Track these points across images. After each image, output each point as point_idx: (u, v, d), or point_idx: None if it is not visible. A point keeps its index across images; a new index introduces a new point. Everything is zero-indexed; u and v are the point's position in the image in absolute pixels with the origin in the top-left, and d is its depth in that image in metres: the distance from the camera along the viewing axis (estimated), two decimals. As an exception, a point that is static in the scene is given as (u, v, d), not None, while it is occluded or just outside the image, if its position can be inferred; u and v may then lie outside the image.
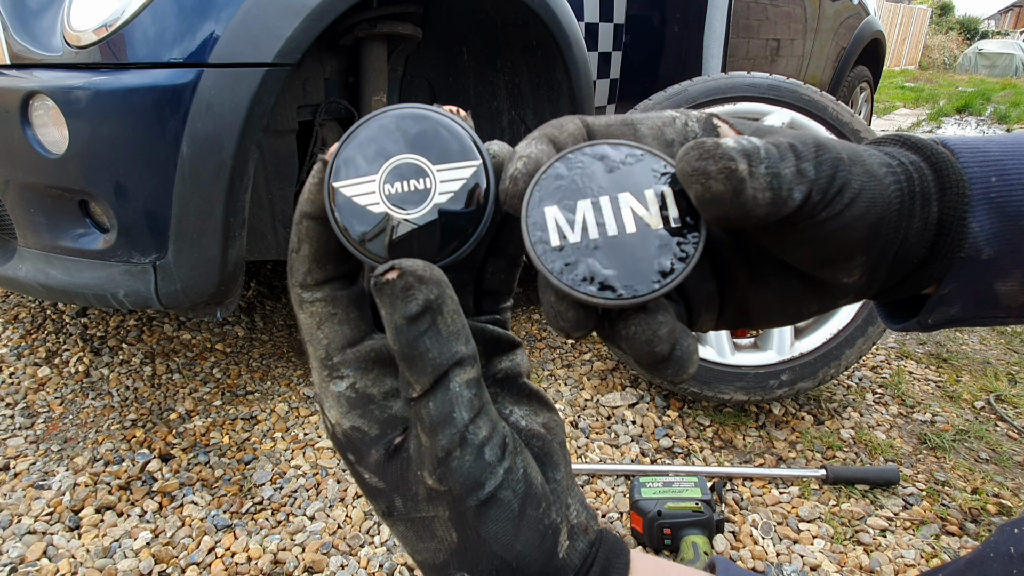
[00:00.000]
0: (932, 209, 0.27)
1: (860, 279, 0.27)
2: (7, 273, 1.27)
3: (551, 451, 0.27)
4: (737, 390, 1.37)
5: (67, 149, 1.09)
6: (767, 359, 1.39)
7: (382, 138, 0.24)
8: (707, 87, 1.45)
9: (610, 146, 0.24)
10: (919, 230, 0.27)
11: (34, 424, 1.41)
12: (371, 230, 0.24)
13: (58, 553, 1.06)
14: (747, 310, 0.29)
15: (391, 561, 1.06)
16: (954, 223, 0.27)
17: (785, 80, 1.44)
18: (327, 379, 0.26)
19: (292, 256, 0.26)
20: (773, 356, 1.39)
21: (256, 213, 1.44)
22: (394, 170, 0.24)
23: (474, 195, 0.24)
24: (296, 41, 1.15)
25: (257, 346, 1.81)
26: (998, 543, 0.27)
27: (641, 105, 1.48)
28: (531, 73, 1.73)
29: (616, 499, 1.20)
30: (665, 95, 1.48)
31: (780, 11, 2.65)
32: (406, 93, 1.87)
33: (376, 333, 0.27)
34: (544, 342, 1.82)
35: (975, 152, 0.28)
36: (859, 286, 0.28)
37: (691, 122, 0.27)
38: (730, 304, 0.29)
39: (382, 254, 0.24)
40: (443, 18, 1.73)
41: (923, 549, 1.10)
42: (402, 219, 0.24)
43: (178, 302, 1.19)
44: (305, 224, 0.25)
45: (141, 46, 1.08)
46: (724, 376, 1.38)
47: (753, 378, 1.37)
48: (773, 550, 1.09)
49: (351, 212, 0.24)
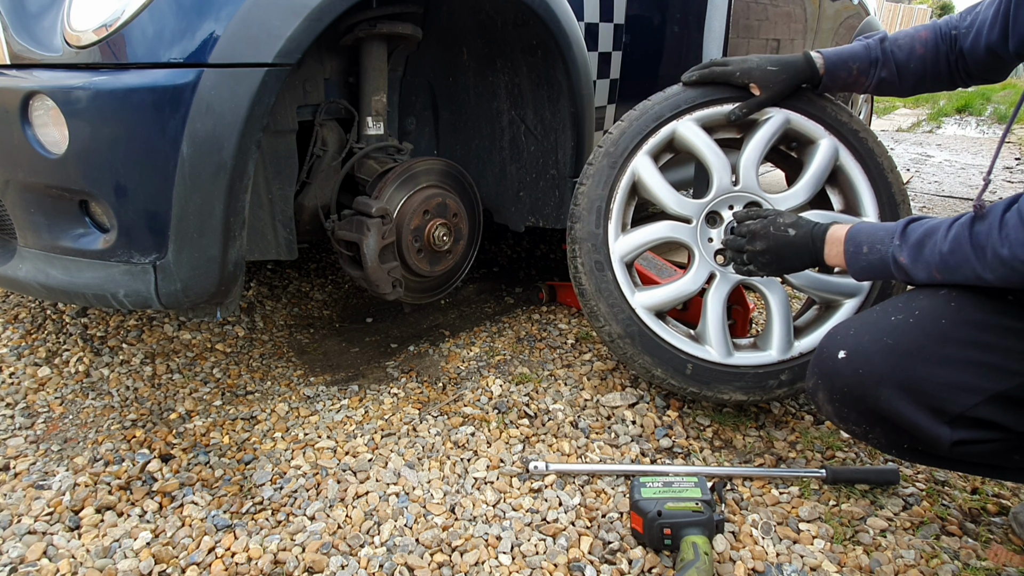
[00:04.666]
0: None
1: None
2: (7, 273, 1.27)
3: None
4: (736, 390, 1.36)
5: (67, 149, 1.10)
6: (766, 359, 1.38)
7: None
8: (707, 90, 1.45)
9: None
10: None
11: (34, 424, 1.41)
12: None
13: (58, 553, 1.06)
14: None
15: (391, 561, 1.06)
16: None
17: None
18: None
19: None
20: (773, 356, 1.37)
21: (256, 213, 1.44)
22: None
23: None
24: (296, 41, 1.15)
25: (257, 346, 1.81)
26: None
27: (640, 106, 1.48)
28: (531, 73, 1.73)
29: (616, 499, 1.20)
30: (664, 96, 1.47)
31: (780, 11, 2.65)
32: (406, 93, 1.87)
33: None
34: (544, 342, 1.82)
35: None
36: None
37: None
38: None
39: None
40: (443, 18, 1.73)
41: (923, 549, 1.10)
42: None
43: (178, 302, 1.19)
44: None
45: (141, 46, 1.08)
46: (723, 376, 1.36)
47: (752, 378, 1.36)
48: (773, 550, 1.10)
49: None
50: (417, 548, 1.09)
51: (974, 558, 1.09)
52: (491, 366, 1.70)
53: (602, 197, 1.42)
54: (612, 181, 1.42)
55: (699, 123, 1.43)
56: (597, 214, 1.41)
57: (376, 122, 1.64)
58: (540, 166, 1.85)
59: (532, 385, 1.59)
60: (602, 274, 1.40)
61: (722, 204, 1.41)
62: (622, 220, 1.44)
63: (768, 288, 1.39)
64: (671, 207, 1.41)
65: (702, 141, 1.42)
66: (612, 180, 1.42)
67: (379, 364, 1.74)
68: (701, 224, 1.40)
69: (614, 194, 1.42)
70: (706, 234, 1.40)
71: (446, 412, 1.49)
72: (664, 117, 1.43)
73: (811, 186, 1.42)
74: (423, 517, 1.16)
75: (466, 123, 1.94)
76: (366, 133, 1.64)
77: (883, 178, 1.44)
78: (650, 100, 1.47)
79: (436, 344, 1.84)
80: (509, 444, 1.37)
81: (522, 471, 1.28)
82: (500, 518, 1.17)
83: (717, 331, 1.38)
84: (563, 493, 1.22)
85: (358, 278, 1.63)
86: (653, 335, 1.38)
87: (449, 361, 1.74)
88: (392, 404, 1.52)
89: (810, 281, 1.39)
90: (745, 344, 1.44)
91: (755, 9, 2.44)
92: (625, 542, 1.10)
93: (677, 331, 1.42)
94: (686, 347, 1.38)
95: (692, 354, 1.38)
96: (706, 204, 1.40)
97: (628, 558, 1.07)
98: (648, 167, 1.43)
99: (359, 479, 1.26)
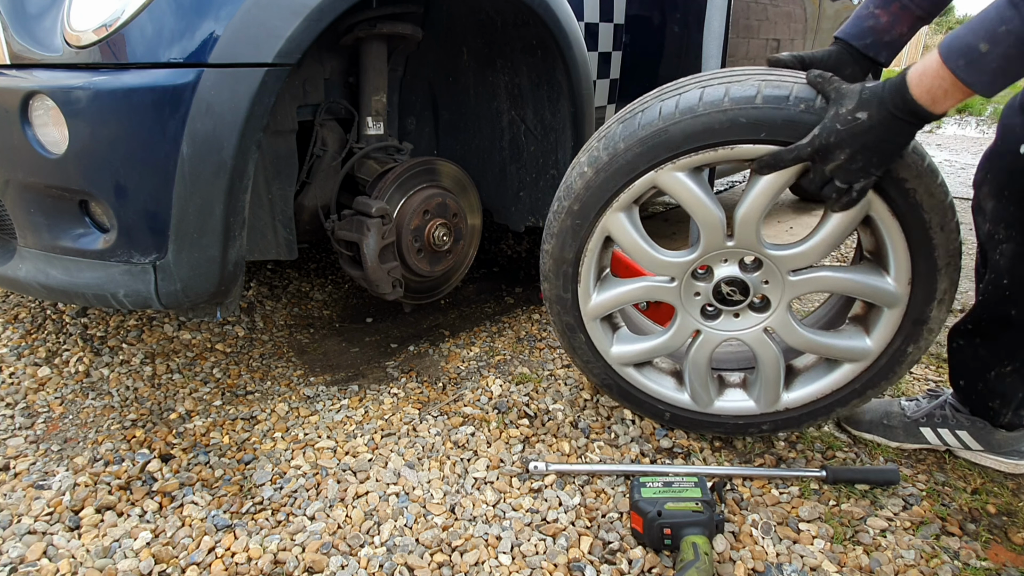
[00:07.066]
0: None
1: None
2: (7, 273, 1.28)
3: None
4: (716, 434, 1.37)
5: (67, 149, 1.10)
6: (748, 409, 1.31)
7: None
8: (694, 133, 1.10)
9: None
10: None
11: (34, 424, 1.41)
12: None
13: (58, 553, 1.06)
14: None
15: (391, 561, 1.06)
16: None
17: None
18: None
19: None
20: (755, 408, 1.30)
21: (256, 213, 1.44)
22: None
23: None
24: (296, 41, 1.15)
25: (257, 346, 1.81)
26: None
27: (609, 141, 1.15)
28: (531, 73, 1.73)
29: (616, 499, 1.20)
30: (638, 132, 1.13)
31: (780, 11, 2.65)
32: (406, 93, 1.87)
33: None
34: (544, 342, 1.82)
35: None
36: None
37: None
38: None
39: None
40: (443, 18, 1.73)
41: (923, 549, 1.10)
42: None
43: (178, 302, 1.19)
44: None
45: (141, 46, 1.08)
46: (702, 424, 1.35)
47: (732, 427, 1.33)
48: (773, 550, 1.10)
49: None
50: (417, 548, 1.09)
51: (974, 558, 1.09)
52: (491, 366, 1.70)
53: (568, 260, 1.24)
54: (579, 243, 1.22)
55: (686, 170, 1.12)
56: (564, 278, 1.26)
57: (376, 122, 1.64)
58: (540, 166, 1.85)
59: (532, 385, 1.59)
60: (574, 335, 1.33)
61: (713, 260, 1.20)
62: (595, 274, 1.27)
63: (757, 347, 1.24)
64: (649, 269, 1.23)
65: (690, 192, 1.13)
66: (579, 242, 1.22)
67: (379, 364, 1.74)
68: (686, 281, 1.22)
69: (582, 256, 1.23)
70: (692, 289, 1.23)
71: (446, 412, 1.49)
72: (639, 170, 1.13)
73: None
74: (423, 517, 1.16)
75: (466, 123, 1.94)
76: (366, 133, 1.64)
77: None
78: (620, 139, 1.13)
79: (436, 344, 1.84)
80: (509, 444, 1.37)
81: (522, 471, 1.28)
82: (500, 518, 1.17)
83: (700, 385, 1.30)
84: (563, 493, 1.22)
85: (358, 278, 1.63)
86: (630, 387, 1.36)
87: (449, 361, 1.74)
88: (392, 404, 1.52)
89: (809, 343, 1.24)
90: (734, 382, 1.36)
91: (755, 9, 2.44)
92: (625, 542, 1.10)
93: (659, 374, 1.38)
94: (666, 392, 1.34)
95: (670, 402, 1.34)
96: (692, 263, 1.20)
97: (628, 558, 1.07)
98: (621, 226, 1.20)
99: (359, 479, 1.26)
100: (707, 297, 1.23)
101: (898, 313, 1.16)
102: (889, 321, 1.17)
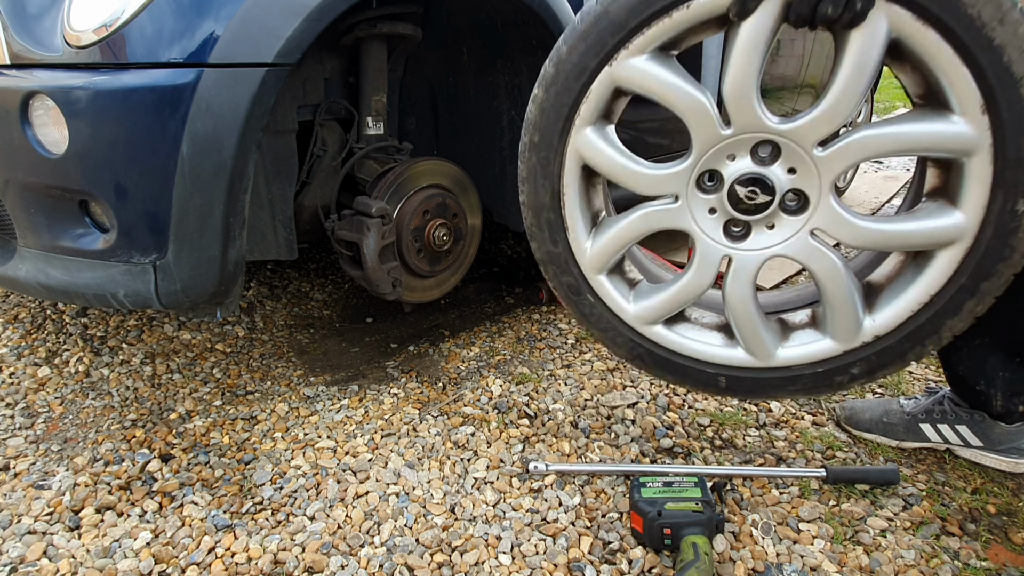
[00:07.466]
0: None
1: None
2: (7, 273, 1.28)
3: None
4: (793, 394, 1.07)
5: (67, 149, 1.10)
6: (826, 350, 1.02)
7: None
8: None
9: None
10: None
11: (34, 424, 1.41)
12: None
13: (58, 553, 1.06)
14: None
15: (391, 561, 1.06)
16: None
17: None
18: None
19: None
20: (835, 346, 1.02)
21: (256, 213, 1.45)
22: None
23: None
24: (296, 41, 1.15)
25: (257, 346, 1.81)
26: None
27: (553, 52, 1.00)
28: (531, 73, 1.73)
29: (616, 499, 1.20)
30: (577, 30, 0.97)
31: None
32: (406, 93, 1.87)
33: None
34: (544, 342, 1.82)
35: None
36: None
37: None
38: None
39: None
40: (443, 18, 1.73)
41: (923, 549, 1.10)
42: None
43: (178, 302, 1.19)
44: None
45: (141, 46, 1.08)
46: (770, 383, 1.05)
47: (810, 379, 1.03)
48: (773, 550, 1.09)
49: None
50: (417, 548, 1.09)
51: (974, 558, 1.09)
52: (491, 366, 1.70)
53: (547, 205, 1.06)
54: (552, 180, 1.04)
55: (646, 53, 0.94)
56: (549, 228, 1.08)
57: (376, 122, 1.64)
58: (540, 166, 1.85)
59: (532, 385, 1.59)
60: (580, 299, 1.12)
61: (716, 159, 0.97)
62: (587, 219, 1.08)
63: (810, 260, 0.97)
64: (642, 190, 1.02)
65: (659, 80, 0.94)
66: (552, 179, 1.04)
67: (379, 364, 1.74)
68: (692, 195, 1.00)
69: (561, 195, 1.05)
70: (702, 205, 1.00)
71: (446, 412, 1.49)
72: (590, 68, 0.96)
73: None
74: (423, 517, 1.16)
75: (466, 123, 1.94)
76: (366, 133, 1.64)
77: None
78: (562, 43, 0.98)
79: (436, 344, 1.84)
80: (509, 444, 1.37)
81: (522, 471, 1.28)
82: (500, 518, 1.17)
83: (751, 329, 1.03)
84: (563, 493, 1.22)
85: (358, 278, 1.63)
86: (664, 351, 1.11)
87: (449, 361, 1.74)
88: (392, 404, 1.52)
89: (876, 238, 0.94)
90: (800, 322, 1.07)
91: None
92: (625, 542, 1.10)
93: (699, 329, 1.12)
94: (714, 352, 1.09)
95: (722, 362, 1.08)
96: (691, 170, 0.98)
97: (628, 558, 1.07)
98: (594, 144, 1.01)
99: (359, 479, 1.26)
100: (725, 210, 0.99)
101: (984, 158, 0.84)
102: (976, 174, 0.85)
